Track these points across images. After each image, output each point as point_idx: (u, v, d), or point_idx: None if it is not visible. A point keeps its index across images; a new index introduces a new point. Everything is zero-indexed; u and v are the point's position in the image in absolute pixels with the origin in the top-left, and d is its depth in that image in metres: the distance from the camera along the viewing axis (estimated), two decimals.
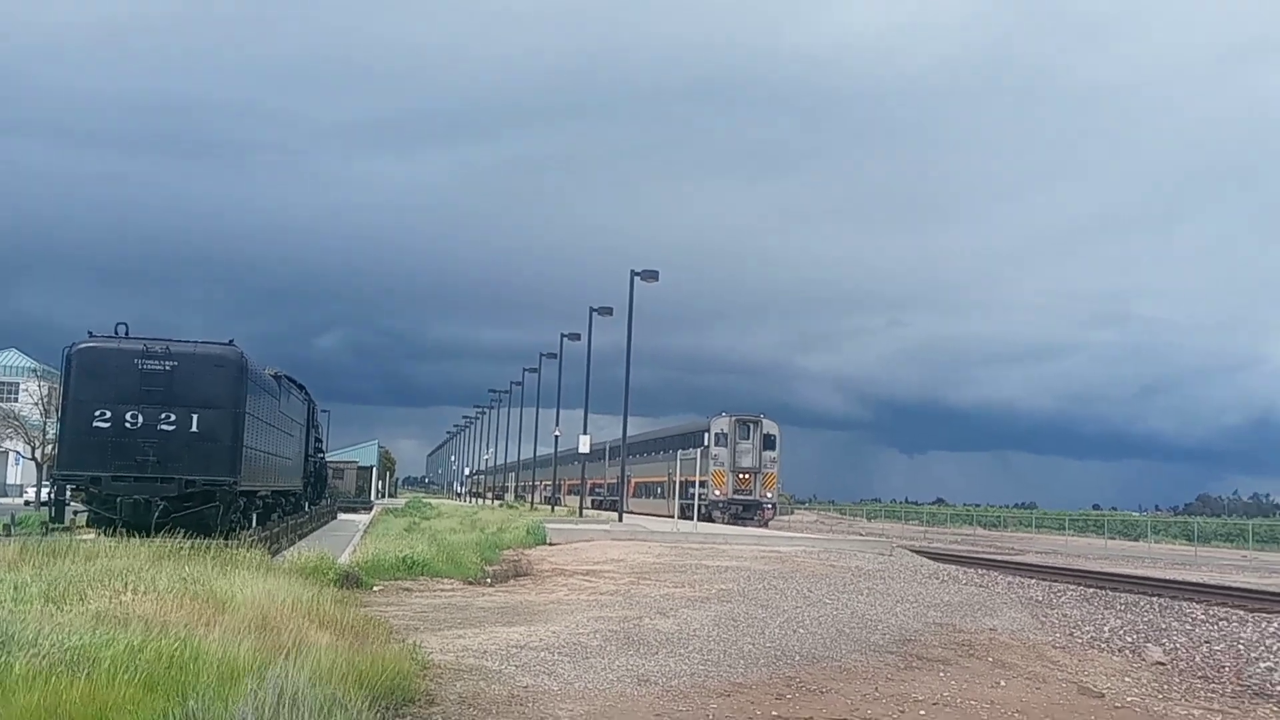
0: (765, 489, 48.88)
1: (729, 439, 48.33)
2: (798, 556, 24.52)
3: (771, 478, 49.30)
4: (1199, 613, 18.10)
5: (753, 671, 10.17)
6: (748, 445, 48.42)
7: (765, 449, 48.76)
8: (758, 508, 48.33)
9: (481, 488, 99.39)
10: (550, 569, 20.35)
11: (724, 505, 47.71)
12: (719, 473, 47.91)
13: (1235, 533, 68.38)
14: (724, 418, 49.09)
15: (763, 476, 48.68)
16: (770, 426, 49.37)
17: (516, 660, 9.92)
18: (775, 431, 49.66)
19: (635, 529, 31.63)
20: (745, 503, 48.24)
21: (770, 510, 49.39)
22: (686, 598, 15.42)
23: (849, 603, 15.87)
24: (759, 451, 48.47)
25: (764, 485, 48.82)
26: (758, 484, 48.58)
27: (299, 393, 32.18)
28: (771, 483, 49.43)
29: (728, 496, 47.90)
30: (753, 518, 47.31)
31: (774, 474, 49.49)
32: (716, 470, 47.74)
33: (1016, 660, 11.99)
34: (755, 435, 48.57)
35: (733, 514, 47.31)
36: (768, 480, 49.03)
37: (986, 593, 19.88)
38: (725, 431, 48.49)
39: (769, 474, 49.06)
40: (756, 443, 48.50)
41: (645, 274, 37.91)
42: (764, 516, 48.16)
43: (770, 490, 49.32)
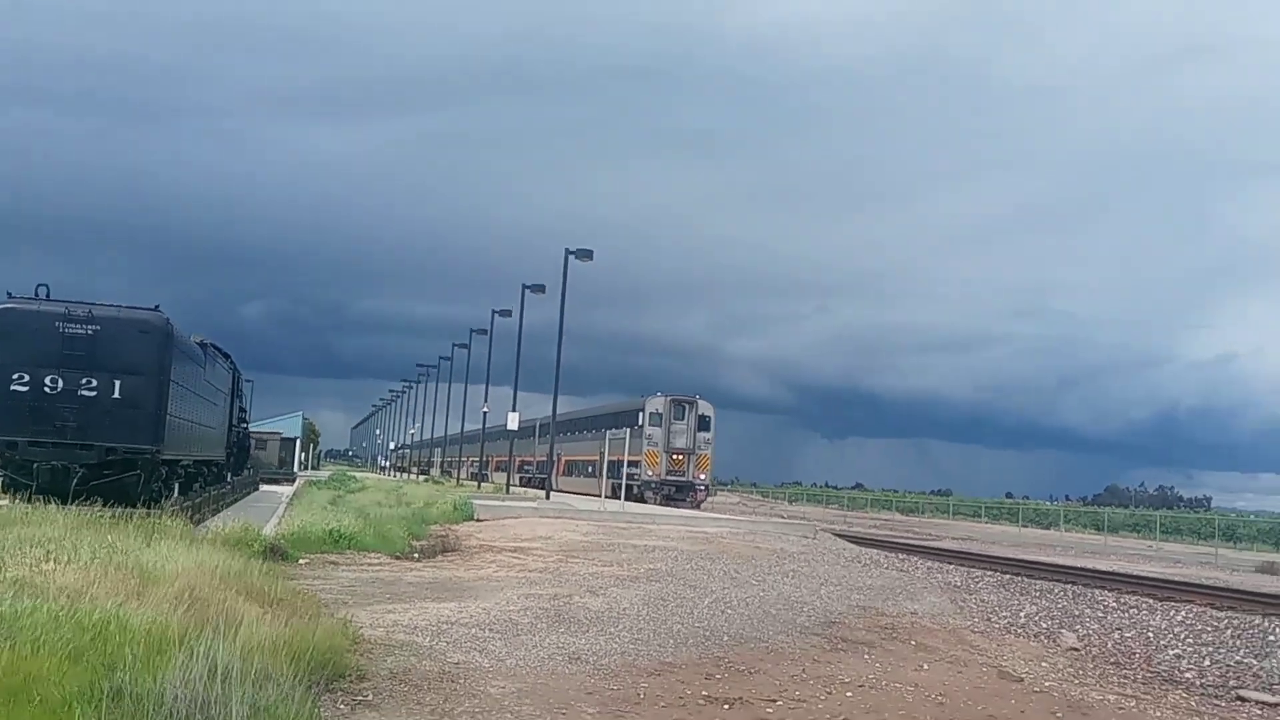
0: (699, 470, 48.32)
1: (664, 419, 47.73)
2: (724, 538, 24.73)
3: (705, 459, 48.71)
4: (1110, 600, 18.62)
5: (682, 651, 10.27)
6: (682, 426, 47.86)
7: (700, 430, 48.24)
8: (691, 489, 47.88)
9: (407, 462, 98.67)
10: (478, 545, 20.29)
11: (657, 486, 47.12)
12: (652, 453, 47.22)
13: (1142, 523, 70.31)
14: (659, 397, 48.50)
15: (697, 458, 48.09)
16: (705, 408, 48.92)
17: (447, 636, 9.90)
18: (710, 413, 49.17)
19: (563, 507, 31.65)
20: (678, 484, 47.64)
21: (703, 492, 49.05)
22: (615, 576, 15.49)
23: (775, 585, 16.08)
24: (694, 432, 47.94)
25: (698, 466, 48.27)
26: (691, 465, 47.99)
27: (224, 361, 31.59)
28: (705, 464, 48.87)
29: (661, 477, 47.26)
30: (685, 499, 46.93)
31: (708, 455, 48.89)
32: (650, 450, 47.10)
33: (938, 644, 12.26)
34: (690, 416, 48.05)
35: (665, 495, 46.80)
36: (701, 461, 48.47)
37: (907, 577, 20.26)
38: (660, 411, 47.85)
39: (703, 455, 48.46)
40: (691, 423, 47.98)
41: (580, 253, 37.84)
42: (697, 498, 47.84)
43: (704, 472, 48.76)
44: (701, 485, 48.55)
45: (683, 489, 47.49)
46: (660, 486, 46.99)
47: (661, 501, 45.23)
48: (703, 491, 48.66)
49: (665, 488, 47.08)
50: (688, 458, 47.68)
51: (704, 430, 48.34)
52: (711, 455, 49.23)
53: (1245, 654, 13.58)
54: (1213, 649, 13.88)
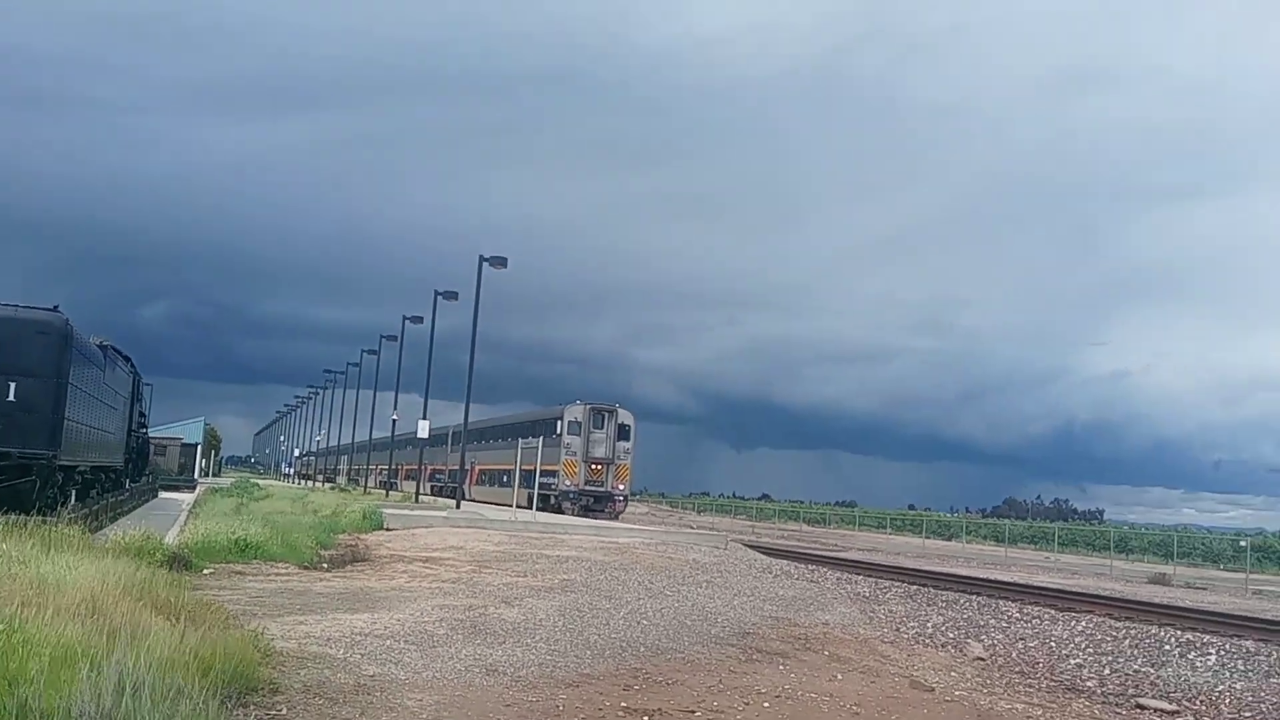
0: (618, 480, 47.30)
1: (583, 428, 46.87)
2: (637, 548, 24.75)
3: (625, 469, 47.65)
4: (1014, 611, 19.06)
5: (600, 663, 10.24)
6: (601, 435, 47.01)
7: (620, 439, 47.34)
8: (609, 499, 46.90)
9: (312, 470, 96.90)
10: (389, 555, 20.01)
11: (575, 496, 46.19)
12: (570, 462, 46.40)
13: (1040, 535, 72.23)
14: (578, 405, 47.66)
15: (616, 467, 47.15)
16: (625, 416, 48.04)
17: (362, 648, 9.72)
18: (630, 422, 48.26)
19: (475, 516, 31.36)
20: (597, 494, 46.66)
21: (622, 502, 48.10)
22: (530, 587, 15.40)
23: (689, 595, 16.14)
24: (613, 441, 47.07)
25: (617, 477, 47.23)
26: (610, 475, 46.98)
27: (125, 365, 30.70)
28: (625, 474, 47.75)
29: (579, 487, 46.31)
30: (604, 509, 46.03)
31: (627, 465, 47.82)
32: (568, 459, 46.34)
33: (850, 654, 12.42)
34: (610, 425, 47.23)
35: (583, 505, 45.88)
36: (621, 471, 47.44)
37: (818, 588, 20.51)
38: (579, 420, 47.05)
39: (622, 465, 47.51)
40: (611, 432, 47.12)
41: (494, 260, 37.58)
42: (615, 508, 46.97)
43: (623, 482, 47.66)
44: (620, 495, 47.67)
45: (601, 499, 46.56)
46: (578, 497, 46.14)
47: (579, 512, 44.46)
48: (621, 502, 47.92)
49: (583, 498, 46.22)
50: (607, 467, 46.82)
51: (624, 439, 47.54)
52: (631, 465, 48.35)
53: (1143, 663, 14.01)
54: (1112, 658, 14.29)
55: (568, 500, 45.69)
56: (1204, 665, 14.20)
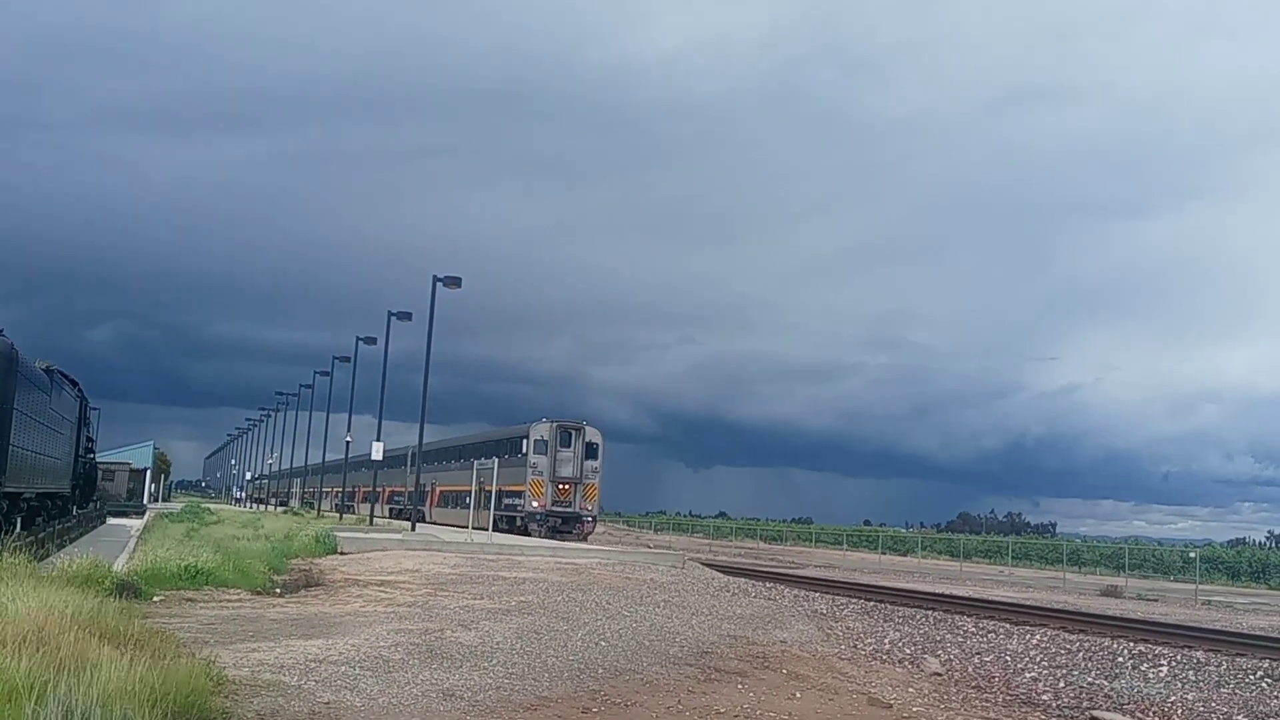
0: (586, 501, 45.68)
1: (549, 446, 45.10)
2: (593, 569, 24.66)
3: (593, 489, 46.06)
4: (969, 626, 19.22)
5: (558, 685, 10.17)
6: (569, 454, 45.33)
7: (587, 458, 45.76)
8: (577, 520, 45.25)
9: (266, 493, 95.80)
10: (343, 579, 19.77)
11: (541, 517, 44.52)
12: (537, 482, 44.75)
13: (994, 549, 72.93)
14: (544, 424, 45.98)
15: (584, 487, 45.51)
16: (593, 434, 46.52)
17: (316, 675, 9.58)
18: (598, 440, 46.71)
19: (430, 539, 31.11)
20: (564, 515, 44.98)
21: (590, 524, 46.45)
22: (487, 610, 15.28)
23: (647, 615, 16.09)
24: (580, 461, 45.48)
25: (585, 497, 45.60)
26: (578, 495, 45.30)
27: (71, 389, 30.16)
28: (593, 494, 46.13)
29: (546, 508, 44.61)
30: (572, 531, 44.52)
31: (596, 485, 46.21)
32: (535, 480, 44.70)
33: (808, 672, 12.44)
34: (577, 443, 45.61)
35: (551, 527, 44.35)
36: (589, 492, 45.83)
37: (775, 606, 20.55)
38: (545, 438, 45.30)
39: (590, 485, 45.92)
40: (579, 451, 45.50)
41: (448, 280, 37.45)
42: (584, 530, 45.34)
43: (591, 502, 46.07)
44: (589, 517, 46.17)
45: (569, 521, 45.00)
46: (545, 518, 44.64)
47: (546, 534, 43.25)
48: (590, 523, 46.45)
49: (550, 519, 44.69)
50: (574, 487, 45.25)
51: (591, 458, 46.07)
52: (599, 485, 46.83)
53: (1097, 675, 14.16)
54: (1066, 671, 14.43)
55: (534, 522, 44.39)
56: (1156, 676, 14.38)
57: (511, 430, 49.34)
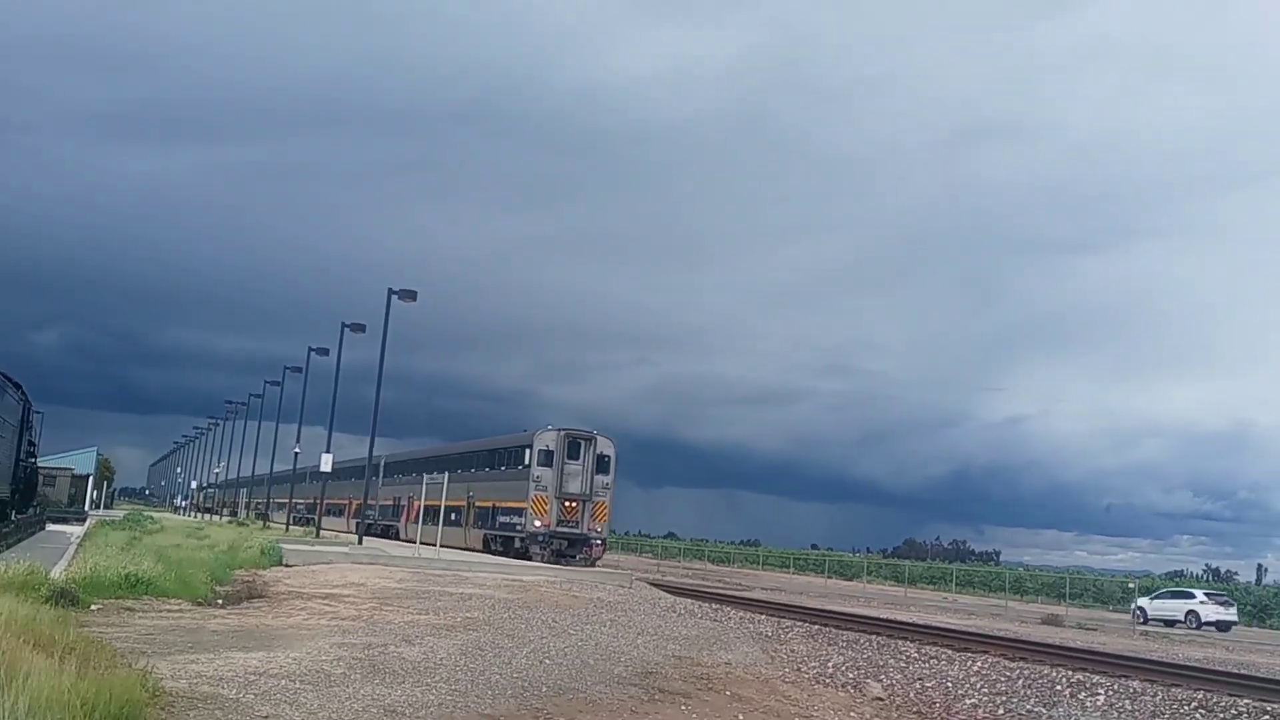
0: (595, 521, 40.14)
1: (555, 458, 39.55)
2: (540, 586, 24.60)
3: (603, 508, 40.50)
4: (912, 651, 19.35)
5: (501, 703, 10.13)
6: (577, 466, 39.83)
7: (598, 472, 40.05)
8: (585, 543, 39.81)
9: (216, 503, 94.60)
10: (287, 591, 19.56)
11: (545, 539, 38.94)
12: (540, 498, 39.21)
13: (938, 576, 73.76)
14: (550, 431, 40.49)
15: (593, 506, 39.92)
16: (605, 445, 40.79)
17: (255, 688, 9.47)
18: (611, 452, 40.88)
19: (376, 553, 30.88)
20: (570, 537, 39.40)
21: (600, 547, 41.11)
22: (432, 625, 15.19)
23: (593, 634, 16.07)
24: (590, 475, 39.81)
25: (594, 517, 40.04)
26: (586, 515, 39.77)
27: (14, 392, 29.65)
28: (603, 514, 40.59)
29: (550, 528, 39.02)
30: (578, 555, 39.37)
31: (606, 504, 40.61)
32: (538, 496, 39.17)
33: (752, 694, 12.48)
34: (587, 455, 39.98)
35: (555, 550, 39.03)
36: (598, 511, 40.27)
37: (721, 627, 20.59)
38: (551, 448, 39.75)
39: (600, 503, 40.26)
40: (588, 464, 39.85)
41: (404, 293, 37.28)
42: (591, 554, 40.26)
43: (601, 523, 40.63)
44: (598, 539, 40.80)
45: (576, 543, 39.62)
46: (549, 540, 39.08)
47: (550, 558, 38.20)
48: (599, 547, 41.18)
49: (555, 541, 39.24)
50: (583, 505, 39.84)
51: (602, 472, 40.38)
52: (611, 503, 41.09)
53: (1036, 703, 14.33)
54: (1006, 698, 14.58)
55: (536, 544, 38.95)
56: (1093, 705, 14.57)
57: (511, 439, 44.66)
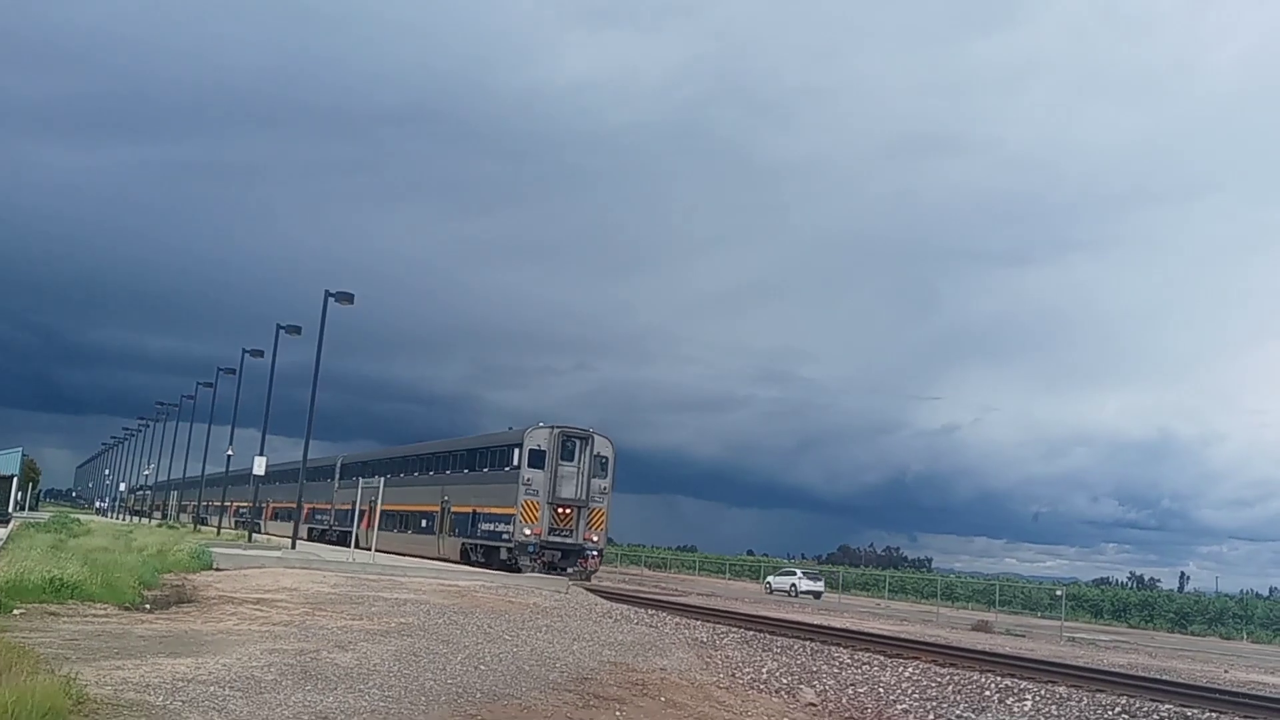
0: (591, 530, 36.66)
1: (548, 459, 36.22)
2: (477, 591, 24.48)
3: (600, 515, 37.07)
4: (845, 657, 19.55)
5: (435, 709, 10.08)
6: (572, 469, 36.48)
7: (595, 475, 36.69)
8: (579, 554, 36.45)
9: (148, 505, 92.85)
10: (217, 596, 19.25)
11: (535, 549, 35.46)
12: (531, 504, 35.78)
13: (871, 582, 74.48)
14: (543, 429, 37.03)
15: (589, 512, 36.54)
16: (603, 445, 37.43)
17: (183, 695, 9.32)
18: (609, 453, 37.58)
19: (310, 557, 30.49)
20: (564, 547, 36.06)
21: (596, 558, 37.67)
22: (366, 631, 15.05)
23: (528, 640, 16.03)
24: (587, 479, 36.42)
25: (590, 525, 36.61)
26: (581, 522, 36.43)
27: None
28: (600, 522, 37.17)
29: (541, 537, 35.56)
30: (572, 567, 36.13)
31: (604, 510, 37.18)
32: (528, 501, 35.76)
33: (686, 700, 12.53)
34: (583, 455, 36.67)
35: (547, 561, 35.76)
36: (595, 518, 36.85)
37: (656, 633, 20.65)
38: (544, 448, 36.36)
39: (597, 509, 36.86)
40: (584, 466, 36.52)
41: (340, 295, 36.85)
42: (587, 566, 36.87)
43: (597, 532, 37.10)
44: (594, 550, 37.31)
45: (570, 554, 36.36)
46: (540, 550, 35.73)
47: (542, 569, 35.25)
48: (595, 558, 37.73)
49: (547, 552, 35.90)
50: (578, 512, 36.48)
51: (600, 476, 37.05)
52: (608, 510, 37.61)
53: (965, 708, 14.56)
54: (936, 704, 14.80)
55: (526, 555, 35.61)
56: (1021, 710, 14.84)
57: (497, 437, 40.88)
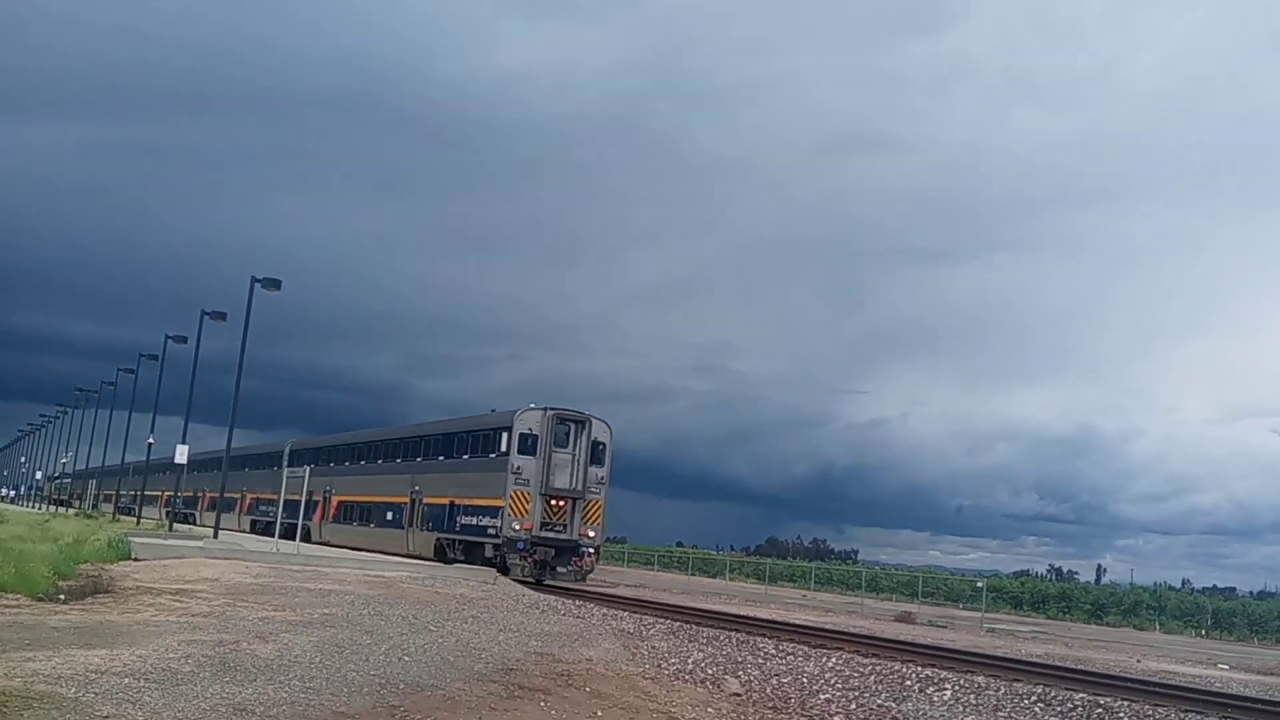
0: (587, 524, 32.91)
1: (540, 444, 32.57)
2: (403, 582, 24.29)
3: (597, 508, 33.29)
4: (770, 648, 19.73)
5: (356, 700, 9.98)
6: (566, 456, 32.91)
7: (592, 463, 33.15)
8: (575, 552, 32.77)
9: (70, 494, 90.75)
10: (135, 586, 18.86)
11: (525, 546, 31.74)
12: (521, 495, 32.02)
13: (798, 574, 75.25)
14: (534, 411, 33.04)
15: (585, 505, 32.85)
16: (600, 430, 33.67)
17: (96, 687, 9.12)
18: (607, 439, 33.87)
19: (233, 547, 30.00)
20: (558, 544, 32.42)
21: (592, 556, 33.68)
22: (288, 622, 14.85)
23: (454, 630, 15.96)
24: (583, 467, 32.87)
25: (585, 519, 32.87)
26: (577, 516, 32.70)
27: None
28: (597, 514, 33.34)
29: (533, 532, 31.92)
30: (567, 566, 32.66)
31: (600, 502, 33.43)
32: (518, 492, 31.98)
33: (611, 691, 12.56)
34: (579, 441, 33.10)
35: (538, 561, 32.17)
36: (591, 512, 33.08)
37: (584, 624, 20.67)
38: (535, 432, 32.67)
39: (594, 501, 33.16)
40: (580, 452, 32.99)
41: (267, 281, 36.28)
42: (582, 565, 33.10)
43: (594, 527, 33.23)
44: (589, 546, 33.31)
45: (564, 552, 32.66)
46: (530, 547, 31.94)
47: (533, 570, 32.06)
48: (592, 555, 33.70)
49: (538, 549, 32.16)
50: (573, 505, 32.78)
51: (597, 464, 33.45)
52: (605, 501, 33.79)
53: (886, 698, 14.78)
54: (859, 693, 15.00)
55: (515, 552, 31.87)
56: (940, 700, 15.10)
57: (481, 420, 36.67)
